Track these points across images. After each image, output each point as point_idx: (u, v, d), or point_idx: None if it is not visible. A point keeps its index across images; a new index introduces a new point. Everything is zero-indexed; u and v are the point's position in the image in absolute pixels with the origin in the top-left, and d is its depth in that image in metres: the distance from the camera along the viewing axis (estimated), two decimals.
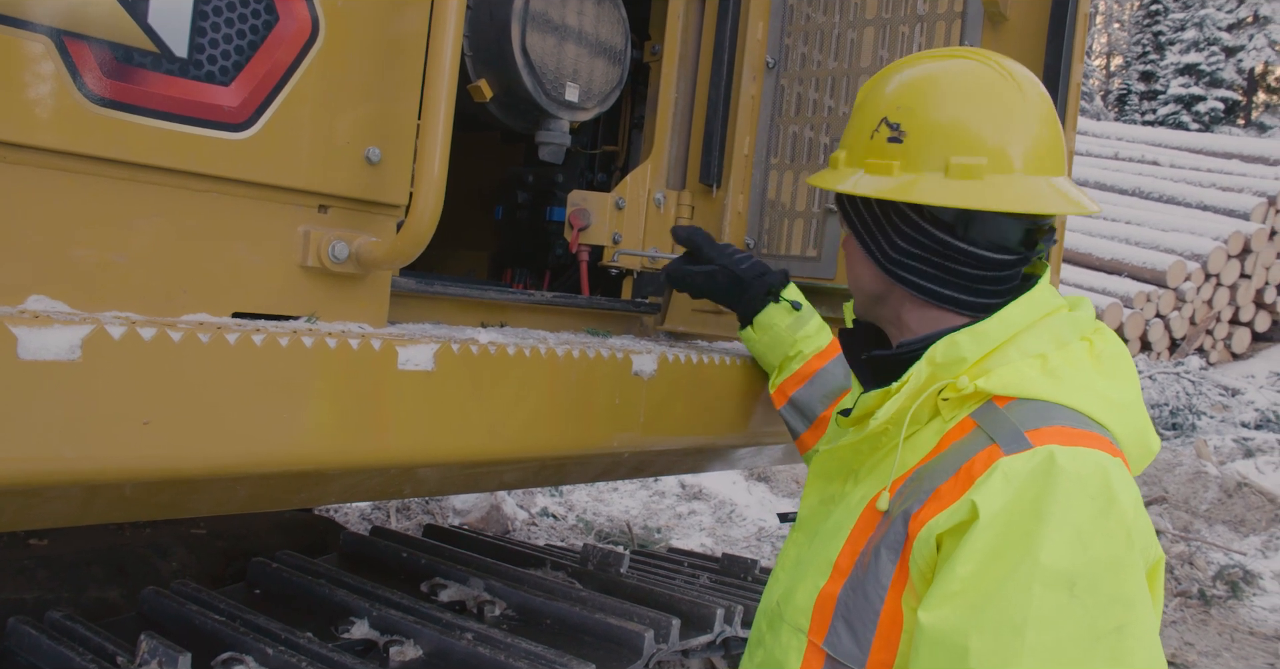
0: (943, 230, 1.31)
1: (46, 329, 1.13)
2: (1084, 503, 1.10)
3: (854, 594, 1.23)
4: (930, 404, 1.29)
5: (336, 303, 1.54)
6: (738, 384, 2.01)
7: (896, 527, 1.21)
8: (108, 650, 1.80)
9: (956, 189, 1.27)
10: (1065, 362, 1.26)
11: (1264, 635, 5.69)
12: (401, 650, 1.94)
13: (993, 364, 1.26)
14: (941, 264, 1.33)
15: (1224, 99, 28.05)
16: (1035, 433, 1.16)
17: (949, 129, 1.30)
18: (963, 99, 1.31)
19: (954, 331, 1.28)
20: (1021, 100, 1.31)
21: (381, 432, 1.45)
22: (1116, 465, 1.15)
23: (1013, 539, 1.09)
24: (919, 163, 1.30)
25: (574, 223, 2.20)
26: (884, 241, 1.36)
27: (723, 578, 2.86)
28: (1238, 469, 7.81)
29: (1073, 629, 1.06)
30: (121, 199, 1.30)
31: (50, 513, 1.32)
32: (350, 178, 1.51)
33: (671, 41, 2.33)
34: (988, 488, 1.13)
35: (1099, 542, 1.09)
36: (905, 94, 1.34)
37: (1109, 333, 1.35)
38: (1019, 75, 1.34)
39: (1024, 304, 1.29)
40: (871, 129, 1.35)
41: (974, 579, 1.09)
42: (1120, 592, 1.09)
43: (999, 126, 1.30)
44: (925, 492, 1.20)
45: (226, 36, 1.37)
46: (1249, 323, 13.09)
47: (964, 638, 1.08)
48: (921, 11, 2.18)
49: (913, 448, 1.29)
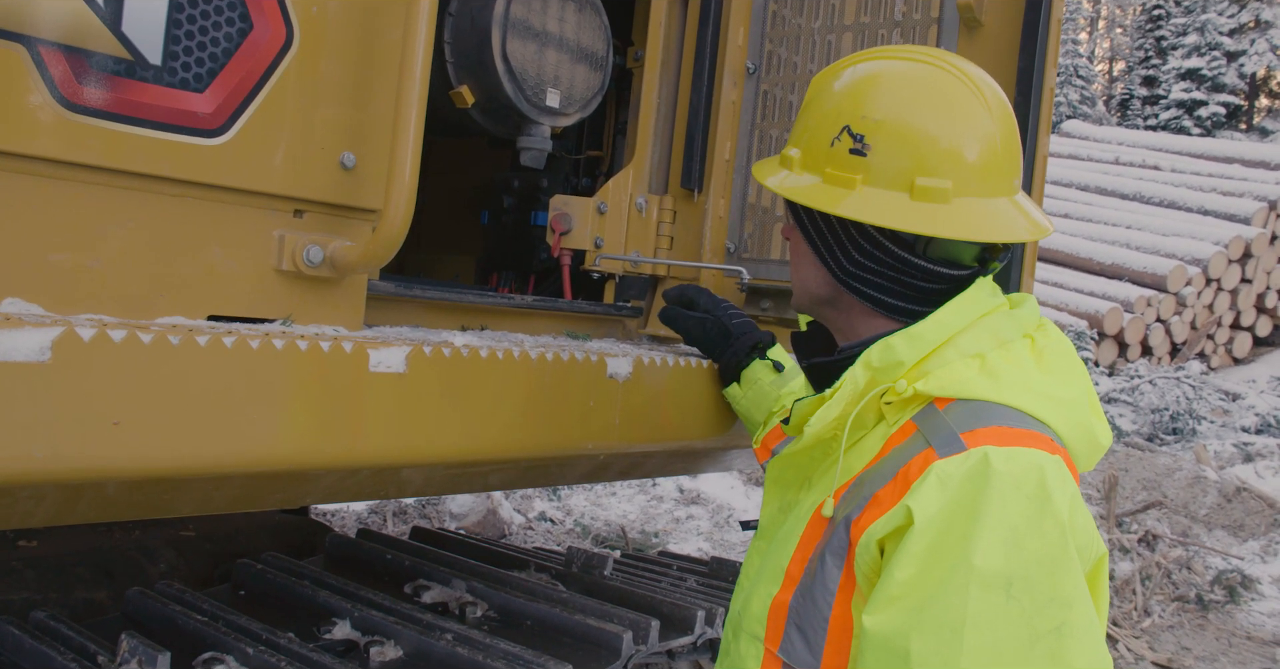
0: (902, 248, 1.31)
1: (17, 331, 1.15)
2: (1019, 503, 1.10)
3: (804, 601, 1.24)
4: (874, 408, 1.28)
5: (312, 306, 1.56)
6: (714, 388, 2.02)
7: (840, 533, 1.21)
8: (89, 650, 1.82)
9: (924, 213, 1.26)
10: (1004, 360, 1.25)
11: (1261, 640, 5.68)
12: (382, 651, 1.95)
13: (931, 366, 1.26)
14: (897, 278, 1.33)
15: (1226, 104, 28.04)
16: (971, 434, 1.16)
17: (915, 147, 1.28)
18: (929, 114, 1.28)
19: (888, 335, 1.28)
20: (987, 115, 1.30)
21: (354, 433, 1.46)
22: (1054, 463, 1.15)
23: (949, 542, 1.10)
24: (883, 180, 1.28)
25: (556, 227, 2.22)
26: (839, 253, 1.35)
27: (711, 581, 2.87)
28: (1237, 474, 7.80)
29: (1011, 630, 1.06)
30: (97, 204, 1.32)
31: (25, 513, 1.34)
32: (325, 182, 1.53)
33: (653, 47, 2.35)
34: (923, 492, 1.13)
35: (1034, 541, 1.09)
36: (869, 104, 1.31)
37: (1052, 329, 1.34)
38: (981, 85, 1.32)
39: (956, 305, 1.28)
40: (831, 135, 1.32)
41: (913, 583, 1.10)
42: (1057, 592, 1.08)
43: (965, 146, 1.28)
44: (865, 497, 1.21)
45: (200, 44, 1.39)
46: (1250, 327, 13.08)
47: (905, 641, 1.08)
48: (899, 17, 2.20)
49: (859, 453, 1.29)
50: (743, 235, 2.36)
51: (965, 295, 1.29)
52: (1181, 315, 12.26)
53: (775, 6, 2.36)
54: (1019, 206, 1.32)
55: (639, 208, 2.31)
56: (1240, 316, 12.88)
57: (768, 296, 2.32)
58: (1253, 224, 12.93)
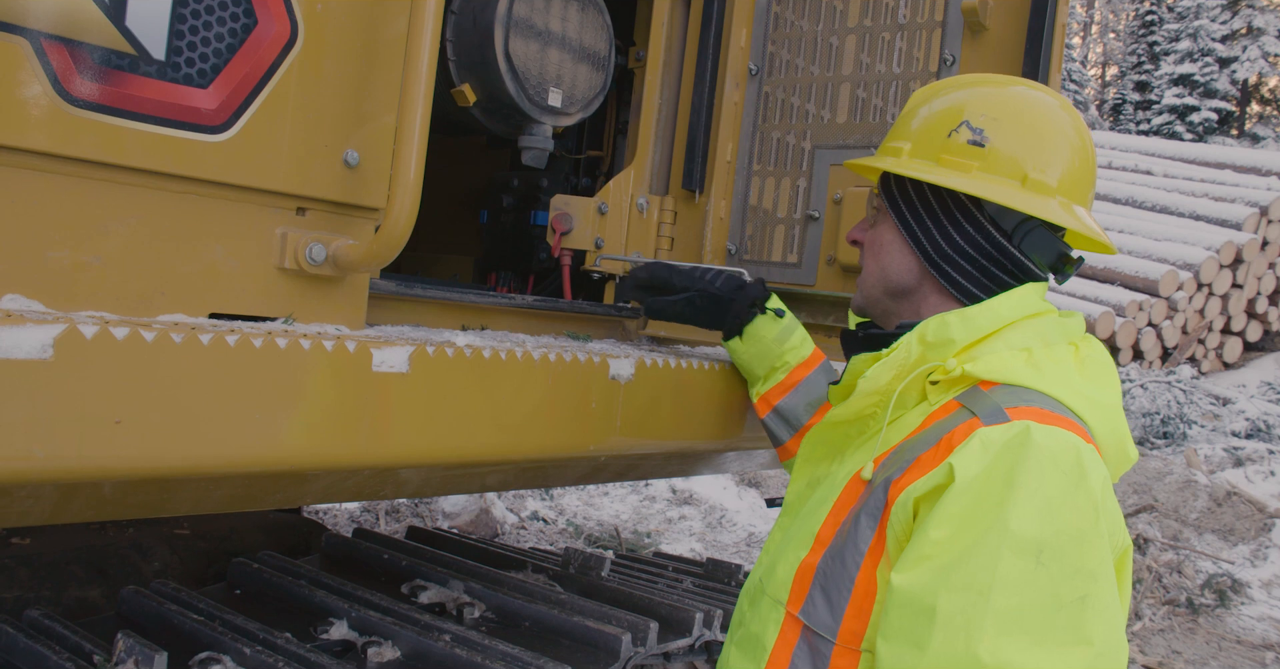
0: (1001, 234, 1.41)
1: (19, 328, 1.13)
2: (1055, 476, 1.14)
3: (832, 562, 1.27)
4: (918, 388, 1.35)
5: (314, 305, 1.55)
6: (718, 389, 2.01)
7: (877, 494, 1.26)
8: (84, 649, 1.80)
9: (1035, 201, 1.37)
10: (1049, 358, 1.32)
11: (1251, 644, 5.70)
12: (379, 651, 1.94)
13: (980, 352, 1.33)
14: (985, 266, 1.41)
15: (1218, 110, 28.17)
16: (1014, 410, 1.22)
17: (1029, 144, 1.40)
18: (1040, 120, 1.42)
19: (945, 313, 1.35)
20: (1077, 130, 1.44)
21: (356, 433, 1.45)
22: (1089, 449, 1.19)
23: (985, 506, 1.13)
24: (998, 168, 1.39)
25: (556, 227, 2.22)
26: (937, 233, 1.43)
27: (706, 582, 2.86)
28: (1227, 478, 7.83)
29: (1037, 595, 1.09)
30: (99, 200, 1.31)
31: (23, 512, 1.33)
32: (328, 180, 1.52)
33: (655, 47, 2.34)
34: (966, 453, 1.18)
35: (1067, 513, 1.13)
36: (990, 106, 1.43)
37: (1096, 343, 1.42)
38: (1070, 106, 1.47)
39: (1010, 298, 1.37)
40: (950, 128, 1.43)
41: (946, 543, 1.13)
42: (1084, 563, 1.12)
43: (1067, 153, 1.41)
44: (907, 461, 1.25)
45: (205, 39, 1.38)
46: (1241, 332, 13.12)
47: (932, 598, 1.12)
48: (903, 20, 2.20)
49: (898, 428, 1.35)
50: (744, 237, 2.35)
51: (1021, 291, 1.39)
52: (1173, 320, 12.29)
53: (778, 8, 2.36)
54: (1095, 221, 1.46)
55: (640, 208, 2.31)
56: (1231, 321, 12.91)
57: None
58: (1244, 229, 12.97)
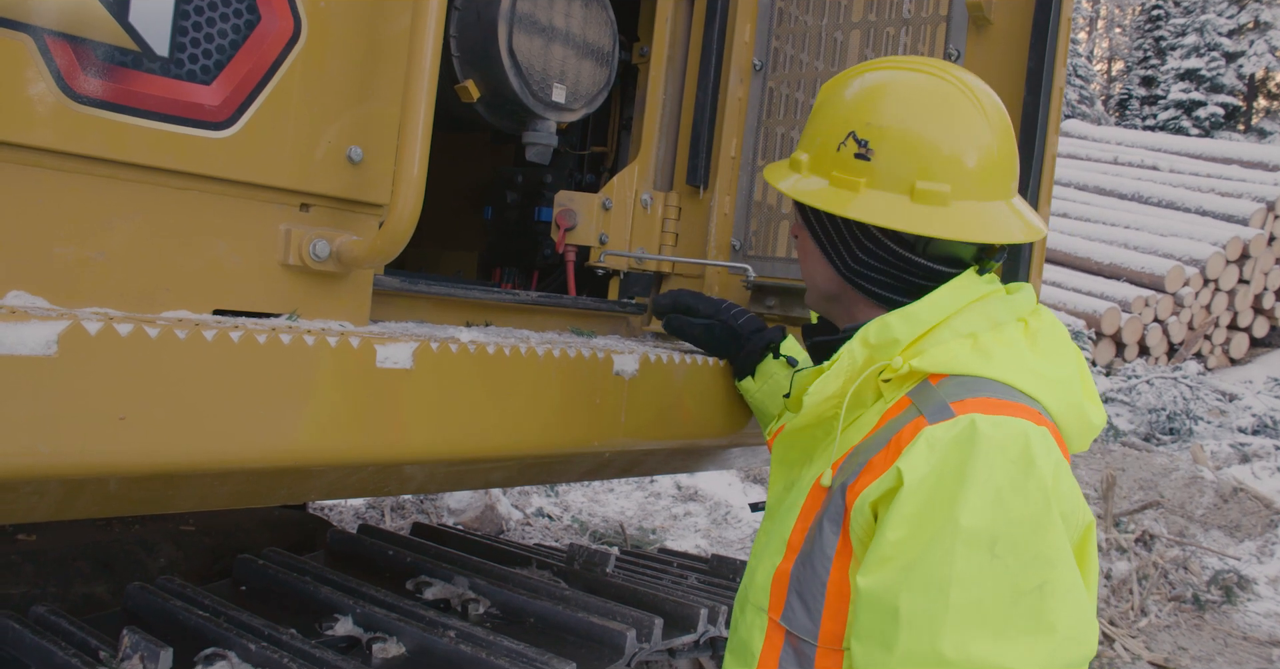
0: (903, 247, 1.39)
1: (23, 324, 1.13)
2: (1004, 466, 1.15)
3: (804, 568, 1.29)
4: (872, 387, 1.35)
5: (318, 301, 1.55)
6: (721, 384, 2.01)
7: (836, 500, 1.27)
8: (90, 645, 1.81)
9: (923, 215, 1.34)
10: (997, 340, 1.32)
11: (1258, 640, 5.69)
12: (384, 648, 1.94)
13: (926, 345, 1.33)
14: (899, 275, 1.40)
15: (1224, 104, 28.05)
16: (960, 404, 1.22)
17: (916, 152, 1.35)
18: (930, 122, 1.36)
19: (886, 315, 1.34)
20: (985, 125, 1.38)
21: (361, 430, 1.45)
22: (1040, 433, 1.20)
23: (937, 503, 1.15)
24: (885, 182, 1.36)
25: (560, 223, 2.21)
26: (845, 252, 1.43)
27: (711, 579, 2.86)
28: (1234, 474, 7.81)
29: (994, 587, 1.11)
30: (102, 197, 1.31)
31: (28, 508, 1.33)
32: (332, 177, 1.52)
33: (659, 43, 2.34)
34: (912, 455, 1.19)
35: (1018, 503, 1.14)
36: (873, 111, 1.39)
37: (1046, 314, 1.41)
38: (981, 96, 1.40)
39: (951, 288, 1.35)
40: (838, 140, 1.40)
41: (903, 543, 1.15)
42: (1040, 551, 1.13)
43: (963, 153, 1.36)
44: (860, 464, 1.27)
45: (208, 35, 1.37)
46: (1247, 328, 13.10)
47: (895, 598, 1.14)
48: (907, 15, 2.19)
49: (857, 428, 1.35)
50: (748, 232, 2.35)
51: (959, 280, 1.37)
52: (1179, 315, 12.27)
53: (782, 4, 2.35)
54: (1015, 209, 1.40)
55: (644, 204, 2.30)
56: (1237, 317, 12.89)
57: (773, 294, 2.31)
58: (1250, 225, 12.93)
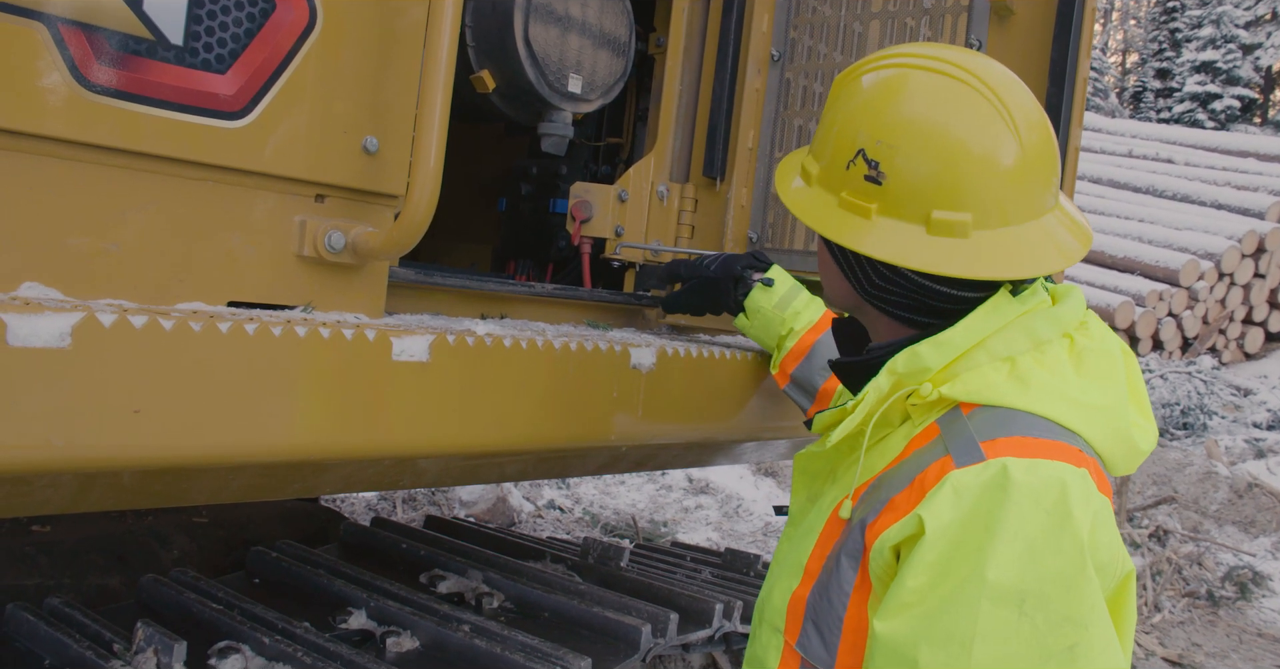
0: (923, 276, 1.24)
1: (37, 316, 1.12)
2: (1037, 517, 1.06)
3: (820, 599, 1.22)
4: (900, 408, 1.25)
5: (333, 293, 1.53)
6: (738, 378, 2.00)
7: (855, 535, 1.19)
8: (104, 637, 1.80)
9: (940, 250, 1.19)
10: (1037, 364, 1.20)
11: (1272, 637, 5.66)
12: (398, 641, 1.94)
13: (960, 368, 1.21)
14: (921, 301, 1.27)
15: (1240, 97, 27.83)
16: (991, 444, 1.12)
17: (931, 179, 1.19)
18: (947, 137, 1.19)
19: (916, 343, 1.22)
20: (1011, 133, 1.20)
21: (376, 423, 1.44)
22: (1078, 477, 1.10)
23: (963, 553, 1.07)
24: (898, 210, 1.22)
25: (576, 215, 2.20)
26: (862, 276, 1.30)
27: (725, 573, 2.85)
28: (1248, 470, 7.76)
29: (1021, 647, 1.03)
30: (116, 187, 1.30)
31: (43, 500, 1.32)
32: (347, 167, 1.50)
33: (676, 34, 2.32)
34: (936, 502, 1.10)
35: (1051, 558, 1.05)
36: (884, 125, 1.22)
37: (1096, 326, 1.28)
38: (1006, 96, 1.21)
39: (987, 310, 1.21)
40: (847, 158, 1.25)
41: (924, 591, 1.07)
42: (1072, 611, 1.05)
43: (985, 175, 1.19)
44: (881, 501, 1.18)
45: (223, 24, 1.36)
46: (1262, 323, 12.99)
47: (914, 650, 1.06)
48: (927, 5, 2.16)
49: (882, 451, 1.26)
50: (765, 224, 2.32)
51: (995, 300, 1.22)
52: (1193, 310, 12.17)
53: None
54: (1047, 231, 1.23)
55: (660, 196, 2.28)
56: (1253, 312, 12.78)
57: None
58: (1267, 218, 12.82)
